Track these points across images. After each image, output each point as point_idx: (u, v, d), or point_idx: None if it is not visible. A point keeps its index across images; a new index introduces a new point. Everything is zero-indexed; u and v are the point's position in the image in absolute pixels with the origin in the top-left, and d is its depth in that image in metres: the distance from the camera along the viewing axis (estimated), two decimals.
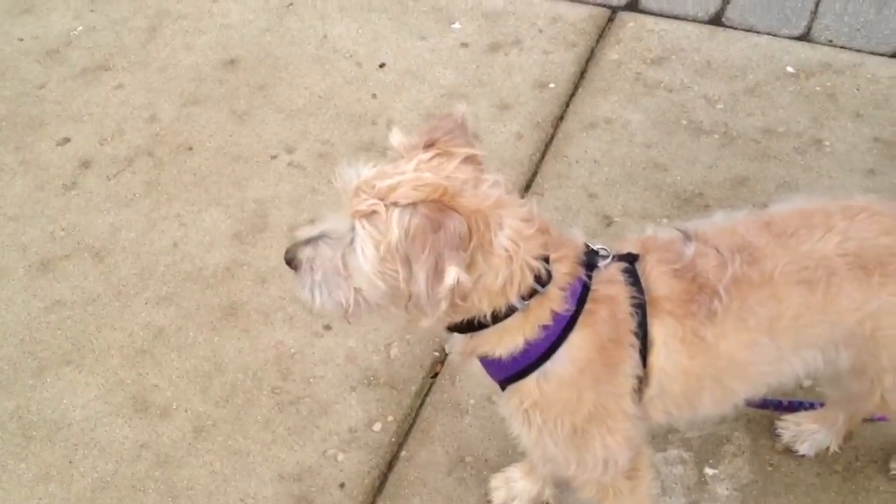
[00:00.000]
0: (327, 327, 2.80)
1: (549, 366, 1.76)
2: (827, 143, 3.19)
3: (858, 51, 3.51)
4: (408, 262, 1.57)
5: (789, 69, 3.47)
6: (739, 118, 3.31)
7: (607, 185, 3.14)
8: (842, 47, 3.53)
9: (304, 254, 1.71)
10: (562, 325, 1.73)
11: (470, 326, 1.75)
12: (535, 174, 3.20)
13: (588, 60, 3.60)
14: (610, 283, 1.78)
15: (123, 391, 2.70)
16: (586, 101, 3.43)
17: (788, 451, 2.46)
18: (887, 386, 1.96)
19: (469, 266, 1.59)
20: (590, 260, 1.79)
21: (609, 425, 1.83)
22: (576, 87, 3.50)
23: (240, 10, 3.87)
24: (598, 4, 3.82)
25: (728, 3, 3.77)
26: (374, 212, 1.60)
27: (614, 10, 3.79)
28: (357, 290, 1.67)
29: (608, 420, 1.82)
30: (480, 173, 1.68)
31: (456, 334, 1.81)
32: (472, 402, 2.61)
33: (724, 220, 1.90)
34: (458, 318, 1.74)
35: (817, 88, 3.37)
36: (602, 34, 3.70)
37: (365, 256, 1.61)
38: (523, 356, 1.76)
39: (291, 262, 1.74)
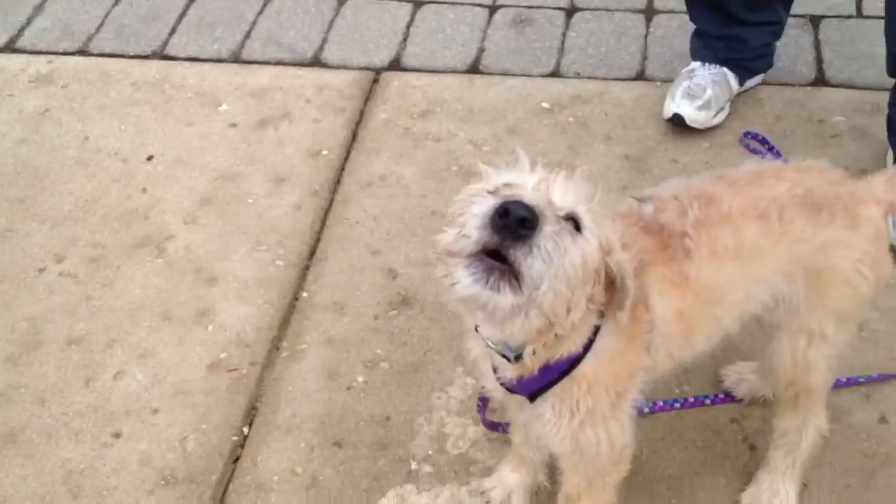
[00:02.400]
0: (116, 435, 2.68)
1: (598, 345, 1.82)
2: (584, 167, 3.35)
3: (603, 79, 3.74)
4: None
5: (544, 105, 3.65)
6: (504, 157, 3.44)
7: (388, 239, 3.20)
8: (588, 77, 3.76)
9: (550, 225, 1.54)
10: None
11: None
12: (318, 241, 3.22)
13: (358, 123, 3.67)
14: None
15: None
16: (360, 163, 3.49)
17: None
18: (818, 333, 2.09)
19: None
20: None
21: (635, 382, 1.93)
22: (349, 150, 3.56)
23: None
24: (362, 68, 3.92)
25: (483, 51, 3.95)
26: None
27: (378, 71, 3.90)
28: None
29: (634, 378, 1.92)
30: None
31: (509, 359, 1.81)
32: (275, 478, 2.56)
33: (678, 183, 2.04)
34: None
35: (570, 119, 3.57)
36: (369, 96, 3.79)
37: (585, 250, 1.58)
38: (585, 344, 1.81)
39: (524, 222, 1.45)
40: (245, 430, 2.69)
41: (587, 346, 1.82)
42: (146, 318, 2.99)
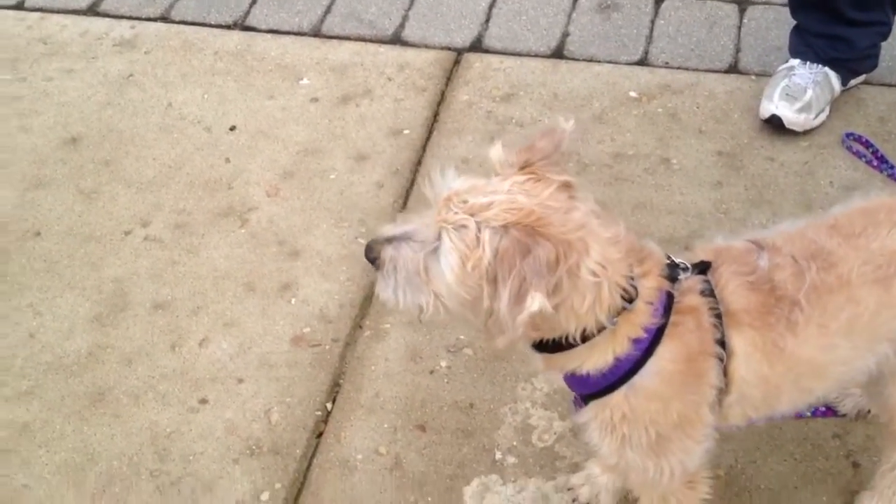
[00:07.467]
0: (203, 401, 2.69)
1: (637, 379, 1.78)
2: (674, 160, 3.30)
3: (694, 70, 3.66)
4: (494, 281, 1.60)
5: (632, 94, 3.59)
6: (590, 146, 3.39)
7: None
8: (678, 68, 3.68)
9: (387, 253, 1.73)
10: (650, 339, 1.75)
11: (557, 345, 1.75)
12: None
13: (439, 103, 3.63)
14: (691, 293, 1.80)
15: None
16: (442, 144, 3.46)
17: None
18: None
19: (554, 291, 1.60)
20: (671, 272, 1.81)
21: (688, 432, 1.85)
22: (430, 130, 3.52)
23: (77, 86, 3.75)
24: (444, 48, 3.88)
25: (567, 35, 3.89)
26: (463, 226, 1.61)
27: (459, 52, 3.85)
28: (437, 296, 1.69)
29: (688, 427, 1.85)
30: (573, 201, 1.70)
31: (537, 353, 1.81)
32: (359, 457, 2.55)
33: (791, 228, 1.93)
34: (540, 337, 1.74)
35: (659, 110, 3.50)
36: (450, 77, 3.74)
37: (449, 266, 1.63)
38: (612, 372, 1.77)
39: (374, 260, 1.76)
40: (328, 406, 2.68)
41: (628, 376, 1.78)
42: (230, 288, 2.98)
